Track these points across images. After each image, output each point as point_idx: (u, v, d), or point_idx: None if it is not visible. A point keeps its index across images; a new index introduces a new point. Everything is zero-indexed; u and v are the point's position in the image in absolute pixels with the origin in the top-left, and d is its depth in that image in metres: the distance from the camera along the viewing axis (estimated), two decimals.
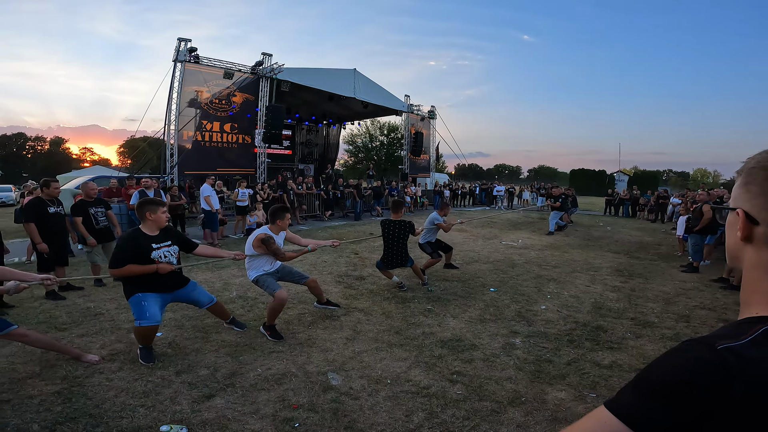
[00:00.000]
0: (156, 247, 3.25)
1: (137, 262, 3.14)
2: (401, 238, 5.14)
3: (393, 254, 5.17)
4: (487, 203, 20.86)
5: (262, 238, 3.75)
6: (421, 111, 20.80)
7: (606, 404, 0.60)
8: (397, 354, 3.44)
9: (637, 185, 21.12)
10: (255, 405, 2.65)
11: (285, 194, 11.56)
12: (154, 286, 3.24)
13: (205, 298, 3.63)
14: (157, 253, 3.24)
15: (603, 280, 6.08)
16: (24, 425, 2.40)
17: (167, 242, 3.34)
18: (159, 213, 3.29)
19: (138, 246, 3.17)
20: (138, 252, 3.16)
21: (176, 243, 3.43)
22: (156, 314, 3.17)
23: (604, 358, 3.43)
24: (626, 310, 4.69)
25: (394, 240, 5.14)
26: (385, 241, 5.22)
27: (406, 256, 5.22)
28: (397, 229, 5.14)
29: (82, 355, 3.21)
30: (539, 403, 2.74)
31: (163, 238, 3.33)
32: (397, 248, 5.16)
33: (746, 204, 0.65)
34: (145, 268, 3.16)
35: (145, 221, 3.28)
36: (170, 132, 11.88)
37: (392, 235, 5.14)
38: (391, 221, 5.21)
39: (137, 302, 3.17)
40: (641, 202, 16.47)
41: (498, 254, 7.86)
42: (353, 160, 44.85)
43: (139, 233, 3.25)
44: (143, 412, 2.55)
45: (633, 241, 10.06)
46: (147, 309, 3.14)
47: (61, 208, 5.03)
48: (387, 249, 5.20)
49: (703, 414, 0.53)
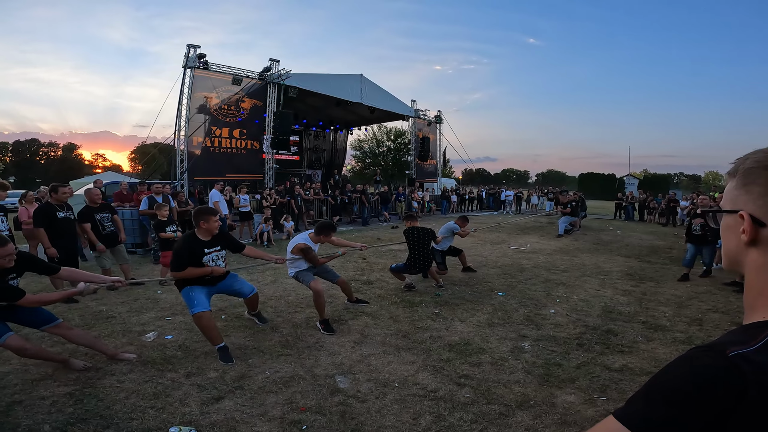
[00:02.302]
0: (207, 252, 3.51)
1: (192, 264, 3.42)
2: (426, 243, 5.40)
3: (419, 259, 5.39)
4: (495, 208, 20.76)
5: (302, 248, 4.13)
6: (428, 116, 20.84)
7: (615, 414, 0.59)
8: (405, 357, 3.43)
9: (647, 189, 20.90)
10: (263, 407, 2.65)
11: (293, 200, 11.63)
12: (201, 281, 3.51)
13: (247, 288, 3.91)
14: (207, 258, 3.51)
15: (613, 284, 6.01)
16: (35, 426, 2.43)
17: (217, 247, 3.60)
18: (211, 222, 3.51)
19: (192, 250, 3.44)
20: (192, 255, 3.43)
21: (225, 246, 3.70)
22: (204, 301, 3.41)
23: (614, 362, 3.39)
24: (637, 314, 4.63)
25: (420, 246, 5.37)
26: (411, 248, 5.43)
27: (430, 261, 5.48)
28: (421, 236, 5.40)
29: (118, 354, 3.32)
30: (548, 407, 2.72)
31: (213, 243, 3.57)
32: (423, 253, 5.39)
33: (749, 206, 0.63)
34: (203, 271, 3.45)
35: (199, 228, 3.51)
36: (180, 138, 12.02)
37: (418, 241, 5.38)
38: (415, 228, 5.47)
39: (186, 294, 3.45)
40: (652, 205, 16.29)
41: (506, 259, 7.81)
42: (360, 165, 45.02)
43: (194, 238, 3.51)
44: (153, 413, 2.57)
45: (644, 245, 9.94)
46: (195, 298, 3.40)
47: (71, 213, 5.11)
48: (413, 254, 5.41)
49: (716, 422, 0.52)
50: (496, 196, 21.13)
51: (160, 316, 4.36)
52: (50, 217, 4.81)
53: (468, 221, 6.64)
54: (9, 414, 2.55)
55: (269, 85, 13.55)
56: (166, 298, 4.98)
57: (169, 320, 4.25)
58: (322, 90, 14.95)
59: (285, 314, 4.46)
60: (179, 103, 11.95)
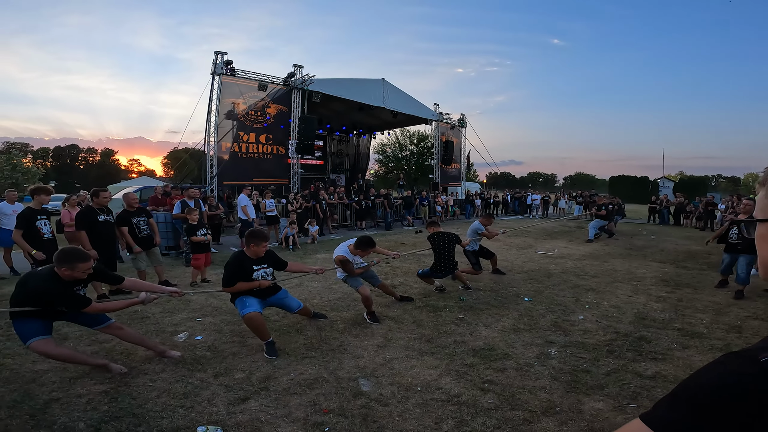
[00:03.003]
0: (256, 269, 3.73)
1: (243, 279, 3.65)
2: (450, 247, 5.51)
3: (444, 263, 5.49)
4: (521, 212, 20.37)
5: (342, 260, 4.39)
6: (451, 119, 20.71)
7: (642, 417, 0.59)
8: (428, 362, 3.41)
9: (683, 192, 20.03)
10: (287, 408, 2.69)
11: (317, 204, 11.78)
12: (253, 293, 3.73)
13: (295, 304, 4.09)
14: (256, 274, 3.72)
15: (647, 290, 5.79)
16: (71, 423, 2.50)
17: (264, 265, 3.80)
18: (260, 248, 3.71)
19: (243, 267, 3.67)
20: (242, 271, 3.66)
21: (271, 265, 3.88)
22: (255, 304, 3.62)
23: (647, 369, 3.28)
24: (672, 321, 4.45)
25: (445, 250, 5.49)
26: (436, 252, 5.54)
27: (455, 264, 5.55)
28: (446, 240, 5.52)
29: (167, 351, 3.46)
30: (575, 413, 2.65)
31: (261, 262, 3.79)
32: (447, 257, 5.49)
33: None
34: (251, 285, 3.67)
35: (248, 249, 3.73)
36: (210, 143, 12.38)
37: (442, 246, 5.50)
38: (440, 234, 5.60)
39: (240, 300, 3.67)
40: (688, 209, 15.61)
41: (533, 264, 7.66)
42: (383, 169, 45.18)
43: (244, 256, 3.73)
44: (182, 412, 2.63)
45: (680, 250, 9.53)
46: (247, 301, 3.61)
47: (111, 217, 5.34)
48: (438, 258, 5.51)
49: (743, 429, 0.51)
50: (522, 199, 20.72)
51: (192, 317, 4.50)
52: (91, 221, 5.04)
53: (492, 219, 6.61)
54: (46, 411, 2.63)
55: (293, 91, 13.78)
56: (197, 300, 5.14)
57: (199, 321, 4.38)
58: (345, 95, 15.08)
59: (308, 318, 4.51)
60: (208, 109, 12.29)
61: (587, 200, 19.25)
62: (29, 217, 4.84)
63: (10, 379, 3.05)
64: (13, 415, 2.58)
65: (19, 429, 2.44)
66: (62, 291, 2.95)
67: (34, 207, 4.97)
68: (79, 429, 2.46)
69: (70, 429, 2.46)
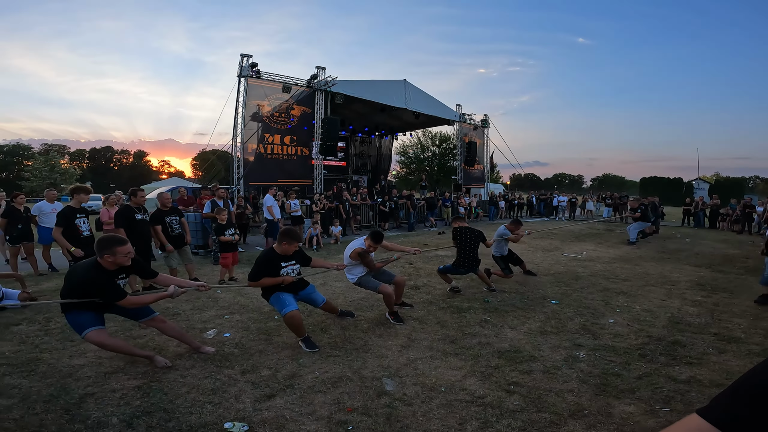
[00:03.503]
0: (284, 265, 3.86)
1: (270, 275, 3.78)
2: (474, 243, 5.46)
3: (467, 258, 5.42)
4: (546, 214, 19.94)
5: (360, 252, 4.37)
6: (474, 120, 20.50)
7: (699, 411, 0.58)
8: (452, 363, 3.38)
9: (718, 193, 19.17)
10: (312, 406, 2.71)
11: (340, 205, 11.87)
12: (284, 289, 3.86)
13: (320, 298, 4.21)
14: (284, 270, 3.85)
15: (681, 294, 5.57)
16: (104, 418, 2.55)
17: (292, 261, 3.94)
18: (292, 246, 3.87)
19: (271, 263, 3.81)
20: (271, 267, 3.80)
21: (299, 261, 4.02)
22: (292, 302, 3.74)
23: (681, 373, 3.16)
24: (708, 325, 4.28)
25: (468, 245, 5.43)
26: (459, 247, 5.48)
27: (477, 261, 5.49)
28: (470, 236, 5.46)
29: (201, 347, 3.58)
30: (604, 417, 2.58)
31: (290, 259, 3.93)
32: (471, 253, 5.42)
33: None
34: (275, 280, 3.79)
35: (280, 246, 3.86)
36: (237, 145, 12.66)
37: (466, 241, 5.44)
38: (464, 228, 5.54)
39: (275, 298, 3.79)
40: (723, 211, 14.93)
41: (560, 266, 7.49)
42: (405, 171, 45.10)
43: (274, 253, 3.86)
44: (210, 408, 2.67)
45: (716, 254, 9.12)
46: (284, 300, 3.73)
47: (147, 215, 5.54)
48: (461, 254, 5.45)
49: None
50: (548, 201, 20.25)
51: (220, 315, 4.61)
52: (129, 219, 5.25)
53: (521, 225, 6.46)
54: (81, 406, 2.69)
55: (317, 92, 13.95)
56: (226, 297, 5.26)
57: (227, 318, 4.48)
58: (367, 96, 15.15)
59: (334, 317, 4.54)
60: (235, 111, 12.58)
61: (617, 202, 18.68)
62: (69, 216, 5.05)
63: (48, 373, 3.15)
64: (49, 409, 2.64)
65: (53, 423, 2.49)
66: (105, 280, 3.05)
67: (73, 205, 5.20)
68: (112, 424, 2.49)
69: (104, 424, 2.49)
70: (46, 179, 40.19)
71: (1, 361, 3.36)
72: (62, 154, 62.28)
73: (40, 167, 42.49)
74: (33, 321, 4.34)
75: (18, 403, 2.72)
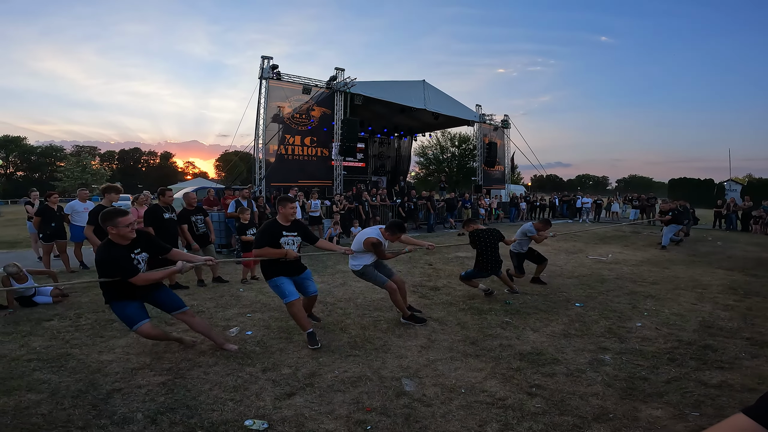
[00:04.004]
0: (285, 234, 3.87)
1: (271, 244, 3.79)
2: (494, 244, 5.32)
3: (489, 261, 5.28)
4: (569, 216, 19.51)
5: (374, 242, 4.29)
6: (494, 120, 20.24)
7: (745, 411, 0.56)
8: (473, 364, 3.33)
9: (751, 195, 18.36)
10: (331, 405, 2.71)
11: (360, 206, 11.91)
12: (284, 270, 3.86)
13: (313, 288, 4.15)
14: (284, 239, 3.86)
15: (713, 298, 5.36)
16: (130, 414, 2.59)
17: (294, 233, 3.95)
18: (287, 208, 3.90)
19: (272, 231, 3.84)
20: (272, 235, 3.82)
21: (301, 235, 4.02)
22: (293, 291, 3.77)
23: (711, 378, 3.05)
24: (741, 330, 4.11)
25: (488, 247, 5.30)
26: (479, 250, 5.34)
27: (500, 263, 5.38)
28: (488, 237, 5.33)
29: (225, 344, 3.65)
30: (629, 421, 2.50)
31: (292, 229, 3.95)
32: (493, 254, 5.30)
33: None
34: (278, 252, 3.79)
35: (279, 213, 3.93)
36: (258, 146, 12.86)
37: (486, 243, 5.30)
38: (482, 231, 5.38)
39: (275, 286, 3.81)
40: (756, 213, 14.30)
41: (584, 269, 7.31)
42: (424, 172, 44.94)
43: (275, 222, 3.93)
44: (232, 405, 2.70)
45: (749, 257, 8.74)
46: (285, 289, 3.75)
47: (174, 214, 5.69)
48: (483, 257, 5.32)
49: None
50: (571, 203, 19.80)
51: (242, 313, 4.68)
52: (158, 218, 5.40)
53: (550, 225, 6.15)
54: (108, 401, 2.73)
55: (336, 94, 14.03)
56: (248, 296, 5.34)
57: (249, 317, 4.54)
58: (386, 97, 15.15)
59: (354, 316, 4.56)
60: (257, 112, 12.76)
61: (644, 204, 18.11)
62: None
63: (77, 369, 3.23)
64: (77, 404, 2.71)
65: (80, 419, 2.55)
66: (118, 256, 3.13)
67: (104, 204, 5.37)
68: (137, 420, 2.53)
69: (129, 419, 2.53)
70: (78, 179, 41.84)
71: (32, 356, 3.47)
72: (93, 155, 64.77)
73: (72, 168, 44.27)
74: (64, 317, 4.50)
75: (47, 398, 2.80)
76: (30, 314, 4.57)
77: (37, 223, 6.90)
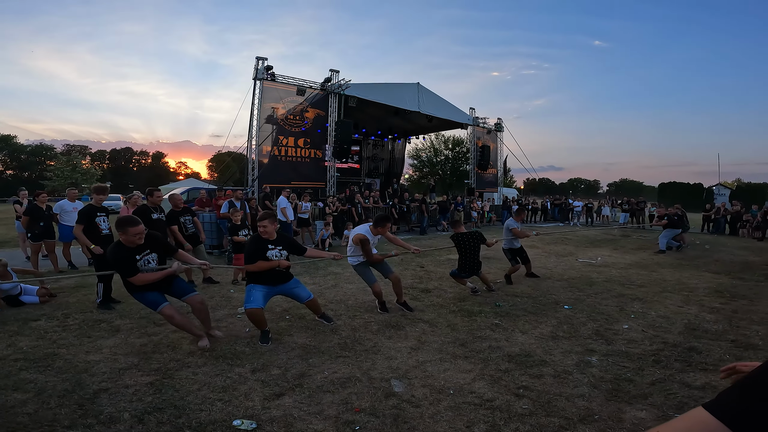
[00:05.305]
0: (271, 248, 3.92)
1: (259, 258, 3.85)
2: (474, 248, 5.50)
3: (468, 263, 5.50)
4: (561, 219, 19.67)
5: (361, 238, 4.43)
6: (487, 124, 20.34)
7: (706, 405, 0.57)
8: (462, 366, 3.36)
9: (740, 199, 18.64)
10: (320, 406, 2.72)
11: (353, 208, 11.91)
12: (265, 279, 3.90)
13: (305, 293, 4.15)
14: (270, 253, 3.90)
15: (699, 300, 5.45)
16: (116, 413, 2.58)
17: (279, 246, 4.00)
18: (267, 226, 3.92)
19: (258, 246, 3.90)
20: (257, 251, 3.88)
21: (287, 248, 4.07)
22: (258, 300, 3.79)
23: (696, 380, 3.11)
24: (726, 332, 4.18)
25: (468, 250, 5.50)
26: (460, 253, 5.56)
27: (479, 265, 5.57)
28: (468, 240, 5.51)
29: (212, 330, 3.85)
30: (614, 422, 2.54)
31: (276, 243, 3.99)
32: (472, 257, 5.49)
33: None
34: (270, 264, 3.85)
35: (259, 230, 3.95)
36: (252, 147, 12.81)
37: (465, 246, 5.51)
38: (463, 234, 5.59)
39: (247, 291, 3.88)
40: (745, 218, 14.53)
41: (573, 272, 7.38)
42: (418, 174, 45.05)
43: (258, 237, 3.97)
44: (220, 406, 2.70)
45: (736, 261, 8.88)
46: (251, 296, 3.80)
47: (163, 215, 5.65)
48: (462, 259, 5.54)
49: None
50: (563, 206, 19.98)
51: (232, 314, 4.67)
52: (146, 218, 5.35)
53: (523, 211, 6.54)
54: (95, 401, 2.72)
55: (330, 95, 14.02)
56: (238, 297, 5.32)
57: (239, 318, 4.53)
58: (381, 99, 15.17)
59: (344, 318, 4.56)
60: (251, 113, 12.71)
61: (634, 208, 18.30)
62: (90, 214, 5.19)
63: (64, 368, 3.21)
64: (63, 404, 2.69)
65: (66, 418, 2.53)
66: (122, 256, 3.45)
67: (94, 204, 5.33)
68: (124, 419, 2.51)
69: (116, 419, 2.52)
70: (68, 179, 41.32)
71: (19, 355, 3.45)
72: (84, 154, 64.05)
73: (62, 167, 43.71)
74: (51, 317, 4.46)
75: (33, 397, 2.78)
76: (17, 314, 4.53)
77: (25, 222, 6.83)
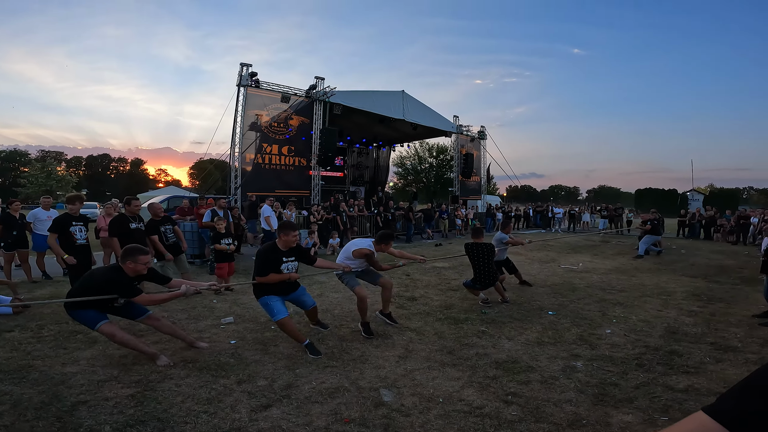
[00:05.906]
0: (285, 261, 3.87)
1: (273, 270, 3.79)
2: (486, 259, 5.35)
3: (481, 275, 5.36)
4: (543, 226, 20.01)
5: (366, 253, 4.34)
6: (471, 132, 20.62)
7: (705, 409, 0.58)
8: (450, 373, 3.36)
9: (712, 204, 19.34)
10: (308, 417, 2.68)
11: (338, 216, 11.86)
12: (276, 290, 3.86)
13: (310, 301, 4.24)
14: (285, 266, 3.86)
15: (677, 304, 5.60)
16: (97, 426, 2.50)
17: (292, 257, 3.94)
18: (290, 236, 3.86)
19: (274, 257, 3.82)
20: (272, 262, 3.80)
21: (299, 259, 4.04)
22: (282, 309, 3.76)
23: (678, 382, 3.19)
24: (705, 335, 4.31)
25: (480, 261, 5.36)
26: (474, 263, 5.43)
27: (493, 278, 5.41)
28: (481, 251, 5.37)
29: (195, 342, 3.77)
30: (602, 426, 2.58)
31: (290, 254, 3.92)
32: (485, 268, 5.34)
33: None
34: (281, 277, 3.81)
35: (279, 239, 3.88)
36: (235, 155, 12.64)
37: (478, 257, 5.38)
38: (474, 244, 5.46)
39: (265, 304, 3.82)
40: (719, 222, 15.06)
41: (556, 278, 7.50)
42: (402, 182, 45.26)
43: (275, 248, 3.87)
44: (205, 418, 2.63)
45: (712, 265, 9.19)
46: (273, 307, 3.76)
47: (142, 224, 5.51)
48: (476, 270, 5.41)
49: None
50: (544, 213, 20.36)
51: (216, 324, 4.57)
52: (124, 228, 5.22)
53: (510, 223, 6.67)
54: (73, 414, 2.64)
55: (315, 103, 13.95)
56: (221, 307, 5.22)
57: (223, 328, 4.44)
58: (366, 107, 15.18)
59: (331, 327, 4.51)
60: (234, 120, 12.53)
61: (612, 214, 18.78)
62: (64, 222, 5.02)
63: (39, 380, 3.10)
64: (41, 416, 2.60)
65: (45, 430, 2.45)
66: (126, 282, 3.42)
67: (69, 213, 5.17)
68: None
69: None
70: (43, 186, 40.08)
71: None
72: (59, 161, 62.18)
73: (37, 174, 42.40)
74: (25, 328, 4.29)
75: (9, 409, 2.68)
76: None
77: None
